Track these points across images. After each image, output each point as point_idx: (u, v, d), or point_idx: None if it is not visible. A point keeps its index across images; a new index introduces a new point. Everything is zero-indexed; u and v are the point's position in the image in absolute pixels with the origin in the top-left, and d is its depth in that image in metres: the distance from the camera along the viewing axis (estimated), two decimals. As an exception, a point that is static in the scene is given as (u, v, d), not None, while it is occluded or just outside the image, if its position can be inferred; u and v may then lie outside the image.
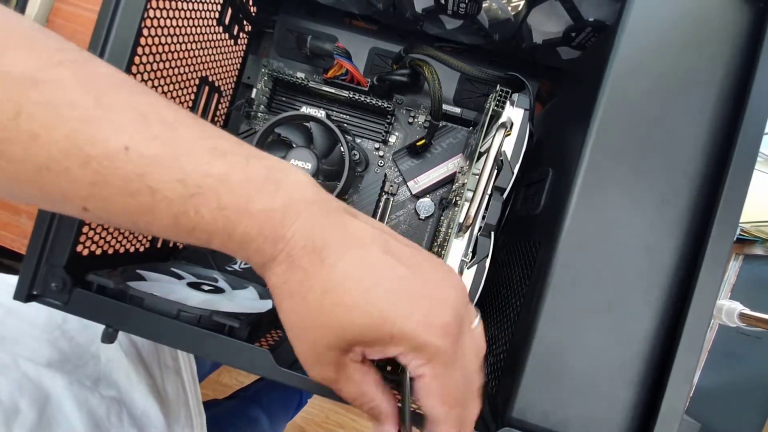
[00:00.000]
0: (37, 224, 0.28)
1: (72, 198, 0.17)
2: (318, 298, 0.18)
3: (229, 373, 1.07)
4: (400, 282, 0.18)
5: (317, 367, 0.20)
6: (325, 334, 0.18)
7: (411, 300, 0.18)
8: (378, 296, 0.18)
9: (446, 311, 0.19)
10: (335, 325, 0.18)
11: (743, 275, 1.30)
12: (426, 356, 0.18)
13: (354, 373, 0.20)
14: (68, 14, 0.57)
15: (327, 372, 0.20)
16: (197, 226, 0.18)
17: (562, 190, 0.28)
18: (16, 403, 0.31)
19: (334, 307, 0.18)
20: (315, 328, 0.19)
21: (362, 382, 0.21)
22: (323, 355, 0.19)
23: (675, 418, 0.25)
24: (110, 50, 0.29)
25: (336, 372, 0.20)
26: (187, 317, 0.29)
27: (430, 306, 0.18)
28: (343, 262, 0.18)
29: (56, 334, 0.37)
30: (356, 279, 0.18)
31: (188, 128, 0.18)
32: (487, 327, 0.39)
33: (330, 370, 0.20)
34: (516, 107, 0.35)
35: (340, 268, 0.18)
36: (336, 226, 0.19)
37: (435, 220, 0.51)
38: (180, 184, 0.17)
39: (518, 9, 0.38)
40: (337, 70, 0.47)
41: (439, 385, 0.19)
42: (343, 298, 0.18)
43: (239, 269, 0.47)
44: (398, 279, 0.18)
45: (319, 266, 0.18)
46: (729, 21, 0.27)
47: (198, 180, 0.17)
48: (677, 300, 0.26)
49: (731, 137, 0.26)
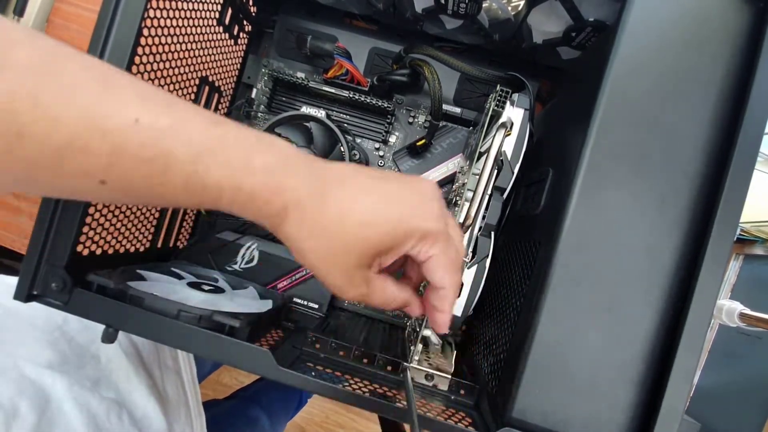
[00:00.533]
0: (38, 224, 0.28)
1: (91, 173, 0.19)
2: (337, 225, 0.21)
3: (229, 373, 1.07)
4: (392, 193, 0.23)
5: (353, 288, 0.23)
6: (353, 254, 0.22)
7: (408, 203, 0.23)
8: (383, 208, 0.22)
9: (435, 204, 0.24)
10: (360, 243, 0.22)
11: (743, 275, 1.30)
12: (432, 239, 0.23)
13: (379, 283, 0.25)
14: (68, 14, 0.57)
15: (361, 289, 0.24)
16: (208, 183, 0.20)
17: (562, 190, 0.29)
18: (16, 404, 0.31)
19: (353, 228, 0.22)
20: (343, 254, 0.22)
21: (386, 289, 0.25)
22: (355, 275, 0.23)
23: (675, 418, 0.25)
24: (110, 50, 0.29)
25: (368, 287, 0.24)
26: (187, 317, 0.29)
27: (423, 203, 0.23)
28: (343, 192, 0.22)
29: (56, 335, 0.37)
30: (359, 202, 0.22)
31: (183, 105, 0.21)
32: (487, 327, 0.39)
33: (363, 286, 0.24)
34: (516, 107, 0.35)
35: (345, 196, 0.22)
36: (325, 170, 0.23)
37: (435, 220, 0.51)
38: (188, 145, 0.19)
39: (518, 9, 0.38)
40: (337, 70, 0.47)
41: (446, 258, 0.24)
42: (356, 218, 0.22)
43: (239, 269, 0.47)
44: (390, 191, 0.23)
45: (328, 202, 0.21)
46: (729, 21, 0.27)
47: (203, 141, 0.20)
48: (677, 300, 0.26)
49: (731, 137, 0.26)
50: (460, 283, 0.25)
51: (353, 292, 0.24)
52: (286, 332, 0.38)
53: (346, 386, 0.29)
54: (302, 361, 0.33)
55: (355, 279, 0.23)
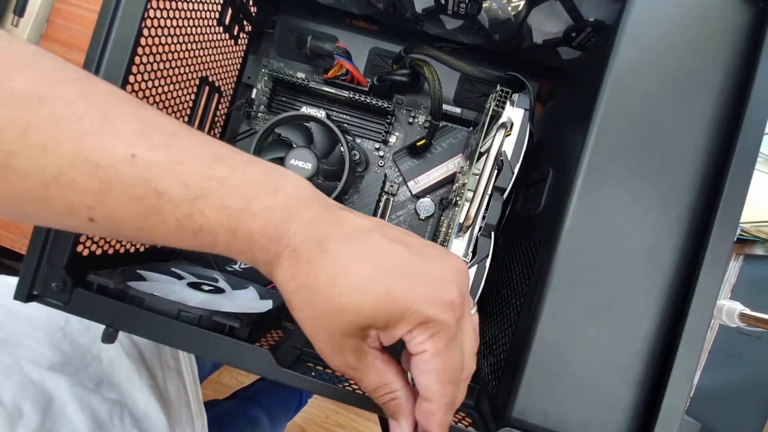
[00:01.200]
0: (38, 224, 0.28)
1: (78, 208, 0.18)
2: (326, 286, 0.18)
3: (230, 373, 1.07)
4: (402, 262, 0.19)
5: (337, 356, 0.20)
6: (339, 320, 0.19)
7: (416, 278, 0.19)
8: (383, 276, 0.18)
9: (451, 288, 0.19)
10: (347, 310, 0.18)
11: (743, 275, 1.30)
12: (430, 331, 0.18)
13: (375, 360, 0.20)
14: (68, 14, 0.57)
15: (348, 359, 0.20)
16: (203, 227, 0.18)
17: (563, 190, 0.28)
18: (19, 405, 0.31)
19: (343, 293, 0.18)
20: (329, 317, 0.19)
21: (384, 371, 0.21)
22: (342, 342, 0.19)
23: (675, 418, 0.25)
24: (110, 50, 0.29)
25: (357, 359, 0.20)
26: (187, 317, 0.29)
27: (435, 283, 0.19)
28: (345, 249, 0.19)
29: (58, 336, 0.37)
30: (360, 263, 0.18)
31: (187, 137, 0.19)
32: (487, 327, 0.39)
33: (351, 357, 0.20)
34: (516, 107, 0.35)
35: (343, 255, 0.18)
36: (334, 219, 0.20)
37: (435, 220, 0.51)
38: (184, 186, 0.18)
39: (518, 9, 0.38)
40: (338, 70, 0.47)
41: (438, 362, 0.19)
42: (350, 282, 0.18)
43: (239, 269, 0.47)
44: (400, 259, 0.19)
45: (323, 256, 0.18)
46: (729, 21, 0.27)
47: (201, 182, 0.18)
48: (677, 300, 0.26)
49: (731, 137, 0.26)
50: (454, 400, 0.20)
51: (338, 361, 0.20)
52: (286, 332, 0.38)
53: (346, 386, 0.29)
54: (302, 361, 0.33)
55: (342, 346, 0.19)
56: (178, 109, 0.40)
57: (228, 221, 0.18)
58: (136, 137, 0.18)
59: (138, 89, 0.32)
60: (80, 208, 0.18)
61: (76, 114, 0.17)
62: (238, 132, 0.51)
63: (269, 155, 0.46)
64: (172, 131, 0.19)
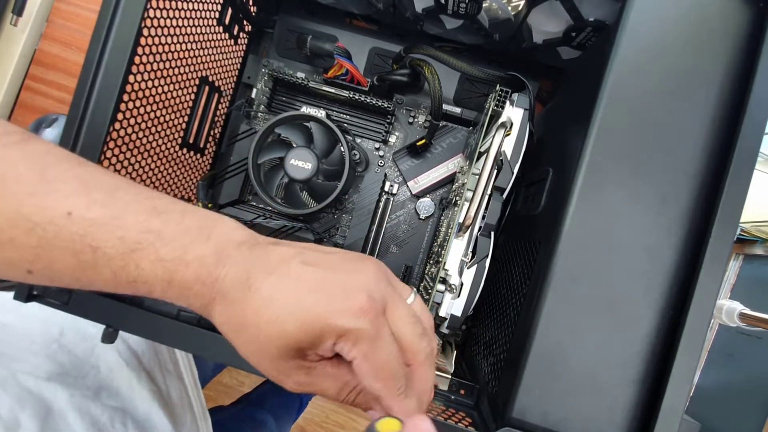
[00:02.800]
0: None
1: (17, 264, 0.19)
2: (254, 319, 0.19)
3: (230, 374, 1.07)
4: (319, 283, 0.20)
5: (287, 378, 0.21)
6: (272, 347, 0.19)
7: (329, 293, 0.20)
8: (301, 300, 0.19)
9: (358, 294, 0.20)
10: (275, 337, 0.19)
11: (743, 275, 1.30)
12: (351, 340, 0.19)
13: (324, 368, 0.21)
14: (68, 14, 0.57)
15: (299, 378, 0.21)
16: (138, 278, 0.19)
17: (562, 190, 0.28)
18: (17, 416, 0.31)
19: (269, 322, 0.19)
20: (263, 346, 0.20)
21: (338, 374, 0.21)
22: (285, 366, 0.20)
23: (675, 418, 0.25)
24: (110, 50, 0.29)
25: (306, 375, 0.21)
26: (187, 317, 0.29)
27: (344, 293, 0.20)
28: (267, 283, 0.19)
29: (54, 347, 0.37)
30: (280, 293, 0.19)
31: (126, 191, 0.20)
32: (487, 327, 0.39)
33: (300, 376, 0.21)
34: (516, 107, 0.35)
35: (266, 288, 0.19)
36: (260, 257, 0.20)
37: (435, 220, 0.51)
38: (120, 241, 0.19)
39: (518, 9, 0.38)
40: (338, 70, 0.47)
41: (369, 364, 0.20)
42: (273, 312, 0.19)
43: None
44: (317, 281, 0.20)
45: (249, 294, 0.19)
46: (729, 21, 0.27)
47: (137, 236, 0.19)
48: (677, 300, 0.26)
49: (731, 137, 0.26)
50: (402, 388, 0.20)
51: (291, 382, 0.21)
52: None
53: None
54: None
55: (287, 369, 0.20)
56: (178, 109, 0.40)
57: (162, 272, 0.19)
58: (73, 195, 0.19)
59: (138, 89, 0.32)
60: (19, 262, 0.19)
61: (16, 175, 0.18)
62: (238, 132, 0.51)
63: (269, 155, 0.46)
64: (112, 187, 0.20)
